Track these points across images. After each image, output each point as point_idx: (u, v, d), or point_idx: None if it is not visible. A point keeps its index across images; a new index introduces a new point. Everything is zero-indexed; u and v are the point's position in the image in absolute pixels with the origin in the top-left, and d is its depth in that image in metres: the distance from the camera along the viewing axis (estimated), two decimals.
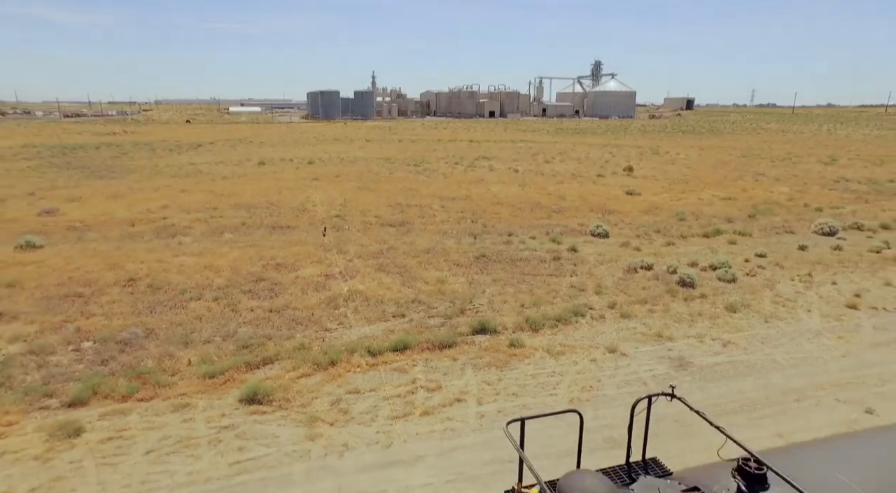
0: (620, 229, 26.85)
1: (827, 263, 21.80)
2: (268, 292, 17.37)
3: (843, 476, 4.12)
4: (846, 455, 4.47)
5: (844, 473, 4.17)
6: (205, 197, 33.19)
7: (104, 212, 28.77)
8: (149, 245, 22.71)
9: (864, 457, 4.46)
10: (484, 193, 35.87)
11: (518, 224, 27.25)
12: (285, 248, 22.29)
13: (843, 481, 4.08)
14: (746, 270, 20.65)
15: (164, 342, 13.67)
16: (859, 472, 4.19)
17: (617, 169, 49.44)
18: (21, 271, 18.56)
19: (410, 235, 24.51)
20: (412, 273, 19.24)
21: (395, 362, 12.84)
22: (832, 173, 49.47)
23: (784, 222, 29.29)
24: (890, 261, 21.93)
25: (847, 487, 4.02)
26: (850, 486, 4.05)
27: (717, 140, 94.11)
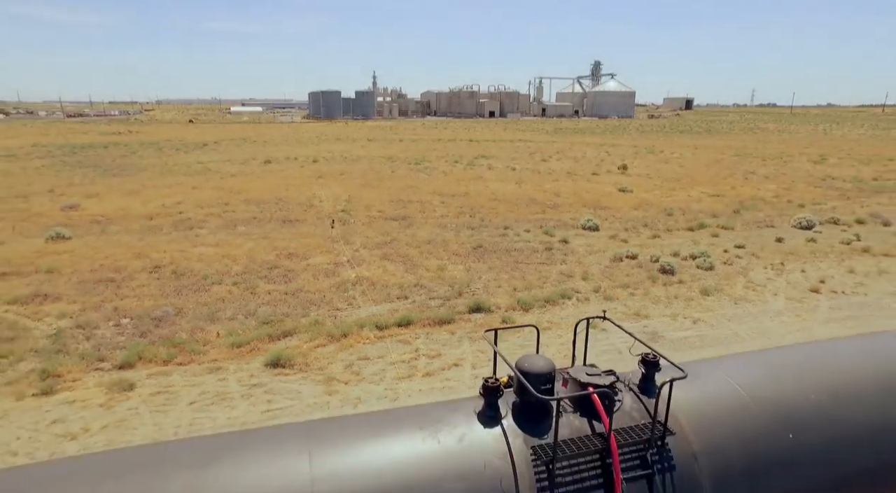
0: (610, 224, 28.49)
1: (800, 253, 23.46)
2: (282, 278, 19.02)
3: (733, 382, 5.68)
4: (741, 366, 6.04)
5: (734, 379, 5.74)
6: (216, 193, 34.85)
7: (122, 207, 30.44)
8: (168, 237, 24.37)
9: (754, 368, 6.03)
10: (482, 190, 37.52)
11: (514, 218, 28.90)
12: (296, 239, 23.95)
13: (731, 384, 5.67)
14: (724, 259, 22.30)
15: (193, 319, 15.33)
16: (748, 379, 5.75)
17: (612, 168, 51.09)
18: (56, 260, 20.23)
19: (412, 229, 26.17)
20: (414, 262, 20.90)
21: (400, 335, 14.50)
22: (820, 172, 51.13)
23: (766, 217, 30.95)
24: (857, 252, 23.59)
25: (732, 388, 5.59)
26: (735, 389, 5.63)
27: (713, 140, 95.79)
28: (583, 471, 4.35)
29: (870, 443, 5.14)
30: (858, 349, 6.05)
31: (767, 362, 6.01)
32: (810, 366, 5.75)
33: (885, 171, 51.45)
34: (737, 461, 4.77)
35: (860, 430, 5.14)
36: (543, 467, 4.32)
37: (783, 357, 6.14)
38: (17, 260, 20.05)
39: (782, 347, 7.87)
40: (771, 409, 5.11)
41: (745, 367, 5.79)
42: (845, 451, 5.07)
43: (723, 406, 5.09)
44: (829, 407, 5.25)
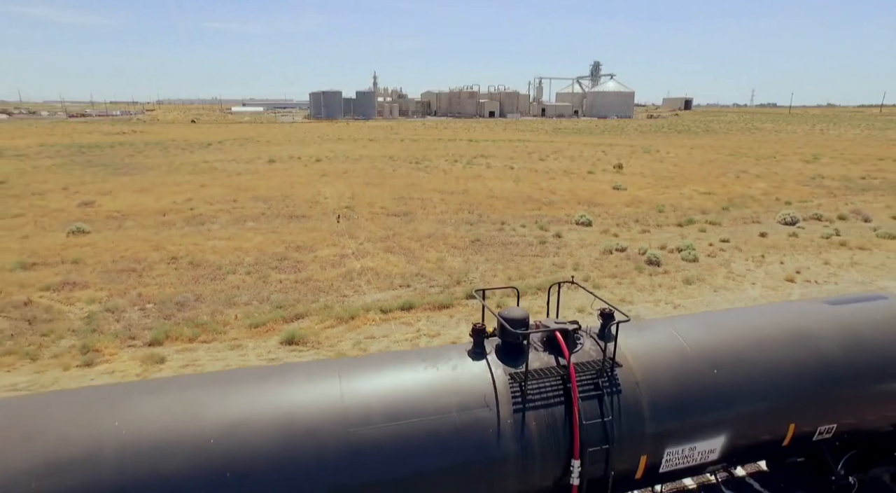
0: (603, 219, 29.79)
1: (781, 247, 24.76)
2: (292, 268, 20.34)
3: (675, 332, 6.93)
4: (685, 322, 7.31)
5: (677, 330, 6.98)
6: (224, 191, 36.17)
7: (135, 204, 31.76)
8: (182, 231, 25.69)
9: (694, 323, 7.28)
10: (481, 187, 38.82)
11: (511, 215, 30.21)
12: (303, 233, 25.26)
13: (673, 334, 6.94)
14: (708, 252, 23.60)
15: (212, 304, 16.65)
16: (687, 331, 6.98)
17: (607, 167, 52.38)
18: (80, 252, 21.55)
19: (413, 224, 27.49)
20: (415, 254, 22.21)
21: (403, 318, 15.81)
22: (811, 171, 52.36)
23: (753, 214, 32.23)
24: (835, 245, 24.90)
25: (673, 337, 6.84)
26: (675, 337, 6.88)
27: (710, 140, 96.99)
28: (548, 391, 5.71)
29: (777, 378, 6.48)
30: (776, 312, 7.40)
31: (706, 319, 7.38)
32: (738, 323, 7.12)
33: (874, 170, 52.71)
34: (670, 389, 6.13)
35: (770, 368, 6.50)
36: (518, 387, 5.68)
37: (719, 317, 7.51)
38: (43, 252, 21.38)
39: (721, 310, 9.18)
40: (701, 352, 6.47)
41: (688, 323, 7.15)
42: (758, 384, 6.43)
43: (663, 349, 6.44)
44: (747, 352, 6.60)
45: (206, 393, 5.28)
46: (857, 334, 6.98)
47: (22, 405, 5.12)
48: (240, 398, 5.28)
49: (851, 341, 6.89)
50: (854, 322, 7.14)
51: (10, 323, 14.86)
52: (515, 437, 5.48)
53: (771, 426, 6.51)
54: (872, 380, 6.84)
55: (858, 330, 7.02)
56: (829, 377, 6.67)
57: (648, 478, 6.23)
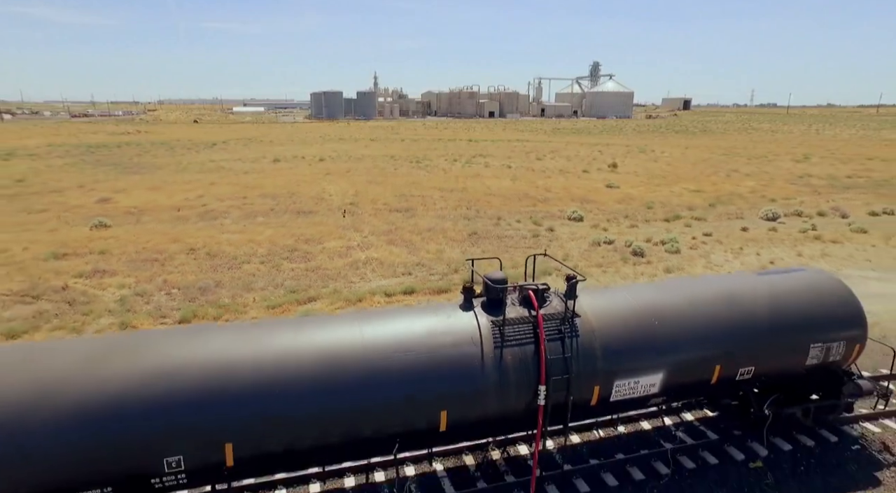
0: (594, 215, 31.40)
1: (759, 240, 26.38)
2: (302, 258, 21.96)
3: (628, 294, 8.58)
4: (639, 287, 8.95)
5: (630, 293, 8.62)
6: (233, 189, 37.79)
7: (150, 201, 33.38)
8: (196, 226, 27.31)
9: (646, 288, 8.92)
10: (479, 185, 40.44)
11: (507, 210, 31.83)
12: (310, 227, 26.88)
13: (626, 295, 8.56)
14: (691, 245, 25.22)
15: (231, 289, 18.27)
16: (639, 293, 8.61)
17: (602, 166, 53.97)
18: (105, 243, 23.18)
19: (414, 219, 29.11)
20: (416, 246, 23.84)
21: (405, 300, 17.42)
22: (800, 170, 53.95)
23: (738, 210, 33.82)
24: (810, 239, 26.52)
25: (626, 297, 8.47)
26: (628, 297, 8.49)
27: (706, 140, 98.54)
28: (521, 334, 7.37)
29: (707, 330, 8.13)
30: (713, 280, 9.06)
31: (656, 285, 9.04)
32: (681, 288, 8.77)
33: (861, 169, 54.29)
34: (619, 335, 7.79)
35: (702, 322, 8.16)
36: (498, 331, 7.35)
37: (667, 283, 9.17)
38: (72, 243, 23.01)
39: (671, 279, 10.80)
40: (647, 308, 8.14)
41: (641, 288, 8.83)
42: (691, 334, 8.10)
43: (617, 305, 8.11)
44: (685, 309, 8.26)
45: (261, 333, 6.92)
46: (775, 296, 8.61)
47: (137, 337, 6.78)
48: (285, 337, 6.92)
49: (770, 302, 8.52)
50: (774, 288, 8.77)
51: (52, 305, 16.50)
52: (495, 367, 7.12)
53: (701, 367, 8.13)
54: (785, 333, 8.47)
55: (776, 294, 8.66)
56: (750, 330, 8.31)
57: (602, 407, 7.86)
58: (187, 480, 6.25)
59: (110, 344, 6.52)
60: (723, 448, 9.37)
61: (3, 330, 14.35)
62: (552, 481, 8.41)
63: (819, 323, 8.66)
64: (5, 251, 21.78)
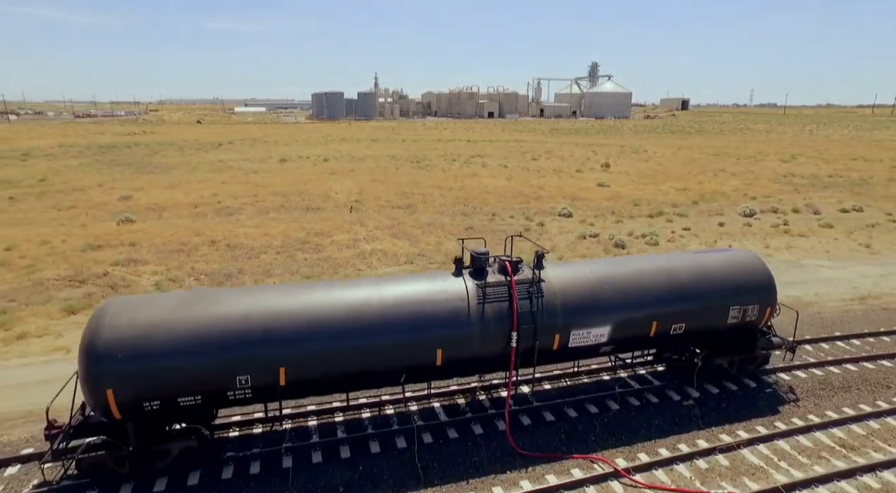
0: (583, 212, 33.68)
1: (734, 234, 28.65)
2: (313, 250, 24.24)
3: (586, 267, 10.87)
4: (598, 262, 11.24)
5: (587, 266, 10.91)
6: (244, 187, 40.06)
7: (168, 198, 35.66)
8: (214, 221, 29.59)
9: (604, 263, 11.20)
10: (476, 184, 42.71)
11: (501, 208, 34.10)
12: (319, 222, 29.17)
13: (584, 267, 10.85)
14: (669, 238, 27.49)
15: (253, 275, 20.56)
16: (595, 267, 10.90)
17: (595, 166, 56.21)
18: (133, 236, 25.47)
19: (415, 215, 31.39)
20: (417, 239, 26.12)
21: None
22: (785, 170, 56.18)
23: (719, 207, 36.08)
24: (780, 233, 28.80)
25: (584, 269, 10.76)
26: (585, 269, 10.79)
27: (700, 140, 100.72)
28: (499, 294, 9.68)
29: (646, 293, 10.40)
30: (656, 257, 11.36)
31: (609, 261, 11.35)
32: (629, 263, 11.12)
33: (843, 169, 56.55)
34: (575, 295, 10.04)
35: (642, 287, 10.45)
36: (481, 291, 9.67)
37: (619, 260, 11.47)
38: (103, 236, 25.30)
39: (621, 257, 13.05)
40: (598, 277, 10.45)
41: (596, 262, 11.12)
42: (633, 296, 10.40)
43: (575, 274, 10.42)
44: (629, 278, 10.58)
45: (302, 291, 9.25)
46: (702, 269, 10.91)
47: (215, 291, 9.09)
48: (320, 294, 9.23)
49: (698, 274, 10.82)
50: (703, 263, 11.07)
51: (98, 288, 18.80)
52: (479, 318, 9.41)
53: (641, 323, 10.41)
54: (708, 298, 10.77)
55: (703, 267, 10.95)
56: (680, 295, 10.60)
57: (562, 352, 10.14)
58: (252, 395, 8.54)
59: (194, 296, 8.82)
60: (664, 392, 11.66)
61: (64, 307, 16.67)
62: (525, 413, 10.72)
63: (737, 290, 10.95)
64: (47, 243, 24.08)
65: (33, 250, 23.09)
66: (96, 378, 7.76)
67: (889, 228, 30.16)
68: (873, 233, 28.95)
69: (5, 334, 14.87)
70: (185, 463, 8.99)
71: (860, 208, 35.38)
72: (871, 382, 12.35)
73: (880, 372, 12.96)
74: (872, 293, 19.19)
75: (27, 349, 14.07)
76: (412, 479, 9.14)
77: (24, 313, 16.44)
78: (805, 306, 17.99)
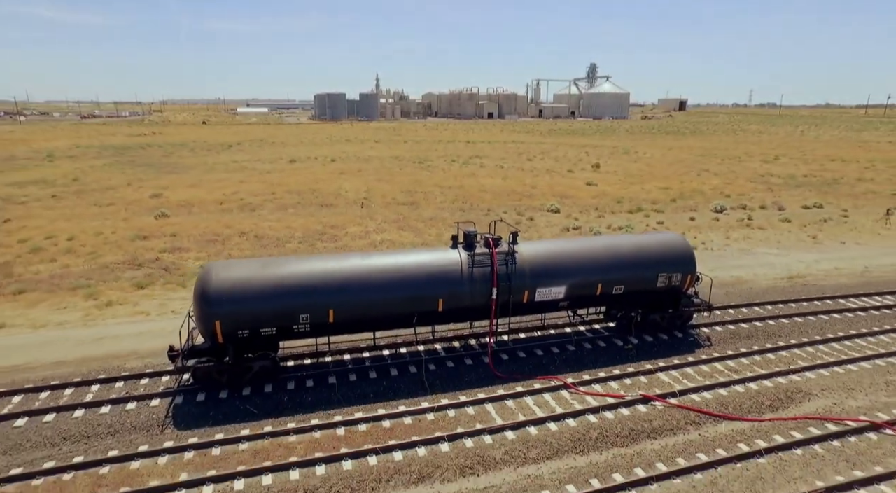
0: (570, 208, 37.34)
1: (701, 227, 32.32)
2: (331, 240, 27.92)
3: (552, 244, 14.61)
4: (562, 241, 14.95)
5: (553, 243, 14.65)
6: (261, 186, 43.74)
7: (193, 196, 39.34)
8: (240, 216, 33.27)
9: (565, 242, 14.92)
10: (474, 184, 46.39)
11: (496, 204, 37.78)
12: (334, 217, 32.84)
13: (551, 245, 14.57)
14: (643, 230, 31.16)
15: None
16: (560, 245, 14.63)
17: (587, 166, 59.87)
18: (172, 228, 29.16)
19: (419, 210, 35.07)
20: (421, 231, 29.79)
21: None
22: (765, 170, 59.81)
23: (694, 204, 39.73)
24: (742, 226, 32.47)
25: (549, 246, 14.50)
26: (549, 245, 14.53)
27: (693, 141, 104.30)
28: (484, 262, 13.50)
29: (593, 262, 14.14)
30: (606, 237, 15.06)
31: (568, 239, 15.04)
32: (581, 241, 14.83)
33: (819, 170, 60.19)
34: (540, 262, 13.89)
35: (591, 258, 14.20)
36: (471, 259, 13.50)
37: (574, 239, 15.15)
38: (146, 229, 28.99)
39: (579, 237, 16.75)
40: (559, 250, 14.28)
41: (559, 240, 14.83)
42: (583, 264, 14.11)
43: (541, 248, 14.20)
44: (580, 251, 14.30)
45: (344, 257, 12.93)
46: (639, 246, 14.59)
47: (282, 259, 12.77)
48: (356, 260, 12.90)
49: (635, 249, 14.50)
50: (639, 241, 14.76)
51: (154, 270, 22.50)
52: (469, 278, 13.10)
53: (589, 284, 14.08)
54: (642, 267, 14.45)
55: (640, 244, 14.63)
56: (620, 264, 14.27)
57: (530, 305, 13.81)
58: (310, 329, 12.22)
59: (269, 261, 12.52)
60: (611, 340, 15.35)
61: (134, 283, 20.38)
62: (504, 352, 14.41)
63: (664, 262, 14.63)
64: (101, 234, 27.79)
65: (91, 240, 26.80)
66: (209, 315, 11.47)
67: (839, 222, 33.86)
68: (824, 227, 32.64)
69: (96, 302, 18.60)
70: (262, 377, 12.73)
71: (820, 205, 39.03)
72: (767, 333, 16.36)
73: (777, 327, 17.25)
74: (801, 273, 22.91)
75: (116, 313, 17.79)
76: (421, 391, 12.84)
77: (103, 288, 20.15)
78: (743, 282, 21.71)
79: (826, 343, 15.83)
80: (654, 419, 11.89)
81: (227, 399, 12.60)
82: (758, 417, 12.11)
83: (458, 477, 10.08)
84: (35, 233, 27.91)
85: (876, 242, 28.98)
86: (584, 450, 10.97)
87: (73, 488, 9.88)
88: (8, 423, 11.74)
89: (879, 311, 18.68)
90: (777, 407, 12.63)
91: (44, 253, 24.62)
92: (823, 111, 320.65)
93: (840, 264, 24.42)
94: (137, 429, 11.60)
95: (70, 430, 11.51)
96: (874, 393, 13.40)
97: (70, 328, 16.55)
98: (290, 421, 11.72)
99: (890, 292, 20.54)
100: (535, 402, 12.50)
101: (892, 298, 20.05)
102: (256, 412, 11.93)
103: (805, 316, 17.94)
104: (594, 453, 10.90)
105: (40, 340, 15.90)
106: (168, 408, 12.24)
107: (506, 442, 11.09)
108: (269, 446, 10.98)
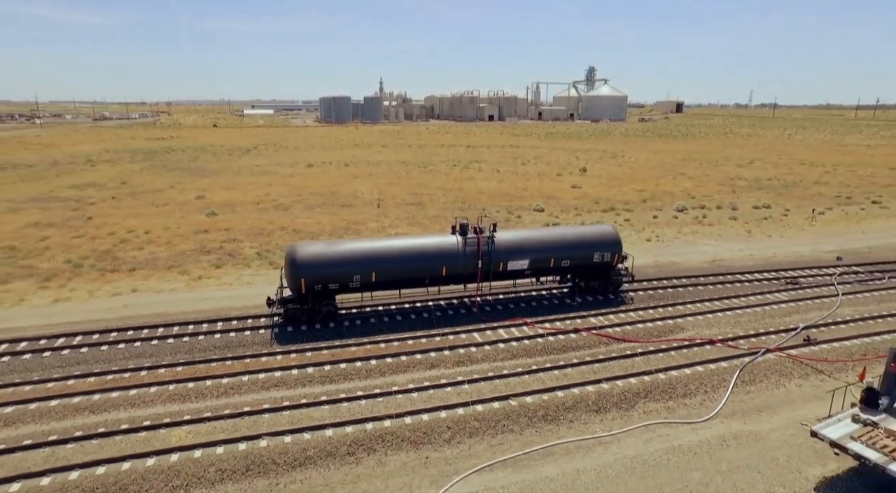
0: (553, 207, 43.84)
1: (660, 224, 38.82)
2: (355, 233, 34.45)
3: (525, 230, 21.24)
4: (533, 230, 21.52)
5: (527, 230, 21.27)
6: (287, 189, 50.30)
7: (231, 197, 45.91)
8: (275, 214, 39.83)
9: (534, 230, 21.48)
10: (472, 186, 52.91)
11: (491, 204, 44.30)
12: (354, 215, 39.38)
13: (523, 232, 21.17)
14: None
15: None
16: (534, 232, 21.21)
17: (575, 170, 66.33)
18: (224, 224, 35.73)
19: (424, 210, 41.60)
20: (427, 226, 36.32)
21: None
22: (736, 173, 66.13)
23: (661, 204, 46.19)
24: (695, 223, 38.95)
25: (525, 234, 21.12)
26: (526, 233, 21.18)
27: (681, 144, 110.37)
28: (473, 243, 20.34)
29: (549, 243, 20.82)
30: (560, 229, 21.59)
31: (534, 229, 21.71)
32: (543, 229, 21.50)
33: (786, 173, 66.53)
34: (511, 243, 20.74)
35: (548, 241, 20.87)
36: (464, 241, 20.37)
37: (540, 229, 21.82)
38: (202, 225, 35.56)
39: (542, 227, 23.35)
40: (526, 236, 21.05)
41: (527, 229, 21.56)
42: (543, 245, 20.79)
43: (514, 235, 21.05)
44: (541, 236, 21.01)
45: (380, 240, 19.57)
46: (580, 233, 21.15)
47: (337, 241, 19.40)
48: (389, 241, 19.61)
49: (577, 236, 21.06)
50: (581, 230, 21.35)
51: (220, 255, 29.06)
52: (462, 253, 19.72)
53: (545, 259, 20.59)
54: (582, 247, 20.98)
55: (581, 233, 21.20)
56: (566, 246, 20.82)
57: (504, 273, 20.35)
58: (360, 285, 18.78)
59: (332, 241, 19.09)
60: (563, 300, 21.93)
61: (212, 264, 26.97)
62: (487, 306, 21.00)
63: (598, 244, 21.16)
64: (168, 229, 34.40)
65: (163, 233, 33.39)
66: (296, 275, 18.04)
67: (777, 220, 40.31)
68: (763, 223, 39.09)
69: (190, 277, 25.22)
70: (327, 318, 19.36)
71: (769, 206, 45.45)
72: (675, 296, 23.02)
73: (683, 291, 24.17)
74: (723, 258, 29.43)
75: (207, 284, 24.38)
76: (429, 327, 19.47)
77: (190, 267, 26.73)
78: (675, 264, 28.24)
79: (710, 301, 22.69)
80: (579, 341, 18.57)
81: (306, 331, 19.22)
82: (645, 340, 18.77)
83: (456, 366, 16.76)
84: (117, 228, 34.52)
85: (796, 236, 35.46)
86: (532, 355, 17.68)
87: (238, 366, 16.55)
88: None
89: (760, 282, 25.45)
90: (660, 335, 19.35)
91: (131, 243, 31.22)
92: (817, 112, 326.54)
93: (756, 252, 30.94)
94: (257, 344, 18.43)
95: (226, 342, 18.35)
96: (720, 328, 20.13)
97: (180, 293, 23.19)
98: (348, 340, 18.43)
99: (776, 269, 27.20)
100: (505, 332, 19.11)
101: (774, 274, 26.68)
102: (328, 335, 18.71)
103: (705, 285, 24.70)
104: (538, 356, 17.70)
105: (174, 299, 22.64)
106: (271, 334, 18.96)
107: (484, 350, 17.90)
108: (338, 351, 17.66)
